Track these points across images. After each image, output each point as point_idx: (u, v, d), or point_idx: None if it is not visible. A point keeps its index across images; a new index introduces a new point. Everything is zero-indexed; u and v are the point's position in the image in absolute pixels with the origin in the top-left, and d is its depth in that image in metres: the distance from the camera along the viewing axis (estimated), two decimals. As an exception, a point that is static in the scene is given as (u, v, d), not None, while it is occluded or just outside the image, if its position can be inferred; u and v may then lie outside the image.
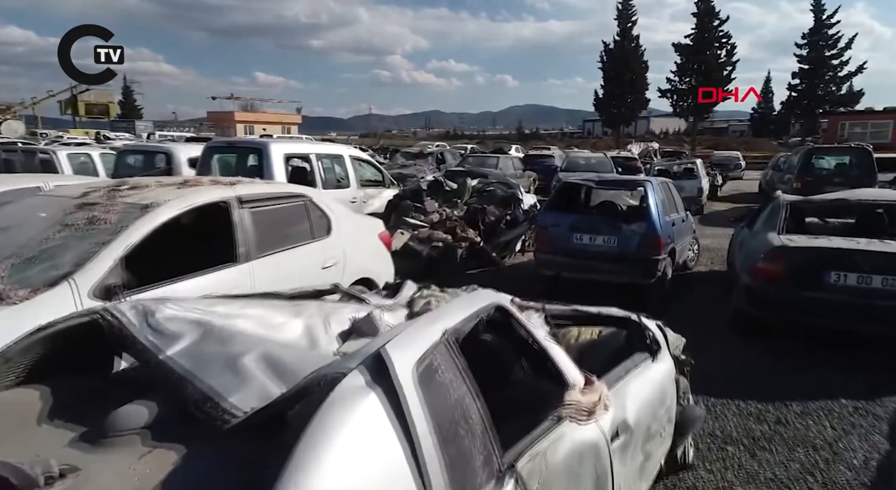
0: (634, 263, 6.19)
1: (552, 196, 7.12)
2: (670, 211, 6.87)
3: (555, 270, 6.66)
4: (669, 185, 7.38)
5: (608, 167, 15.95)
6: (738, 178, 25.40)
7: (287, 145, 8.05)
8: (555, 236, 6.59)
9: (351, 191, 8.85)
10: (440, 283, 3.27)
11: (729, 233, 11.83)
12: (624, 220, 6.32)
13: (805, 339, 5.09)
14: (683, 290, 7.11)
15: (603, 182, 6.71)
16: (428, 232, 7.92)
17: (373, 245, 4.97)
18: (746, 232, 6.23)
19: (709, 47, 42.76)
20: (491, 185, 9.61)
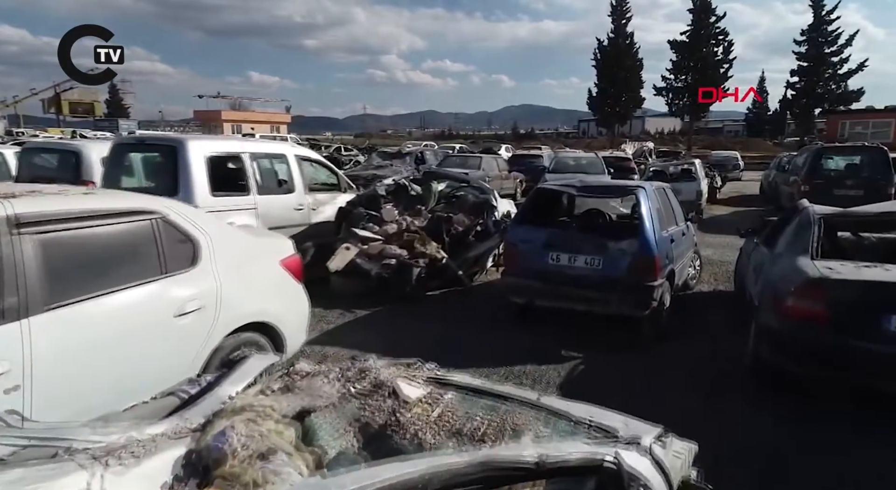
0: (624, 291, 4.95)
1: (523, 205, 5.88)
2: (668, 223, 5.63)
3: (526, 298, 5.41)
4: (667, 190, 6.14)
5: (599, 168, 14.73)
6: (737, 179, 24.24)
7: (210, 143, 6.76)
8: (526, 255, 5.34)
9: (296, 196, 7.57)
10: (389, 314, 2.02)
11: (732, 241, 10.64)
12: (611, 236, 5.07)
13: (856, 402, 3.82)
14: (684, 317, 5.87)
15: (586, 188, 5.47)
16: (380, 246, 6.65)
17: (271, 276, 3.70)
18: (765, 251, 4.98)
19: (705, 44, 41.58)
20: (461, 190, 8.35)
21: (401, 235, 6.94)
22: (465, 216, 7.66)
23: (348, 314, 5.90)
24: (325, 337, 5.23)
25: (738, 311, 5.71)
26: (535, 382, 4.30)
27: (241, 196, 6.80)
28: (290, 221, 7.46)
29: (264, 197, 7.04)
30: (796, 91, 43.10)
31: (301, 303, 3.94)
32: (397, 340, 5.13)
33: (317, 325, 5.53)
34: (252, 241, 3.76)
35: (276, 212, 7.22)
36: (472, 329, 5.53)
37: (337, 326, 5.55)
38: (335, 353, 4.79)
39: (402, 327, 5.54)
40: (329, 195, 8.22)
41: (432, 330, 5.47)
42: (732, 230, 12.01)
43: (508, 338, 5.29)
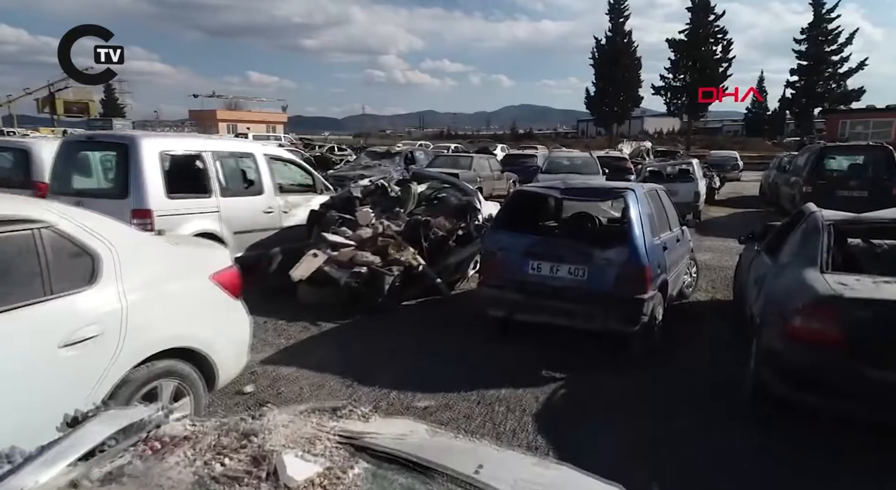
0: (611, 305, 4.47)
1: (501, 209, 5.39)
2: (661, 228, 5.15)
3: (504, 310, 4.92)
4: (660, 192, 5.65)
5: (594, 168, 14.24)
6: (736, 180, 23.75)
7: (167, 140, 6.28)
8: (504, 264, 4.84)
9: (265, 198, 7.08)
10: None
11: (731, 245, 10.13)
12: (597, 244, 4.58)
13: (877, 436, 3.33)
14: (678, 331, 5.38)
15: (570, 191, 4.98)
16: (351, 253, 6.15)
17: (199, 294, 3.20)
18: (767, 261, 4.49)
19: (704, 43, 41.10)
20: (444, 192, 7.85)
21: (375, 241, 6.45)
22: (446, 219, 7.16)
23: (312, 328, 5.40)
24: (283, 355, 4.73)
25: (738, 325, 5.23)
26: (509, 411, 3.81)
27: (202, 198, 6.31)
28: (259, 225, 6.98)
29: (229, 199, 6.56)
30: (796, 90, 42.62)
31: (238, 323, 3.45)
32: (361, 359, 4.64)
33: (276, 340, 5.04)
34: (174, 252, 3.25)
35: (242, 215, 6.74)
36: (447, 344, 5.04)
37: (298, 342, 5.05)
38: (289, 375, 4.31)
39: (370, 343, 5.04)
40: (303, 197, 7.74)
41: (402, 346, 4.98)
42: (731, 233, 11.58)
43: (485, 355, 4.80)
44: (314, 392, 4.04)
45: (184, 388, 3.02)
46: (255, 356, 4.62)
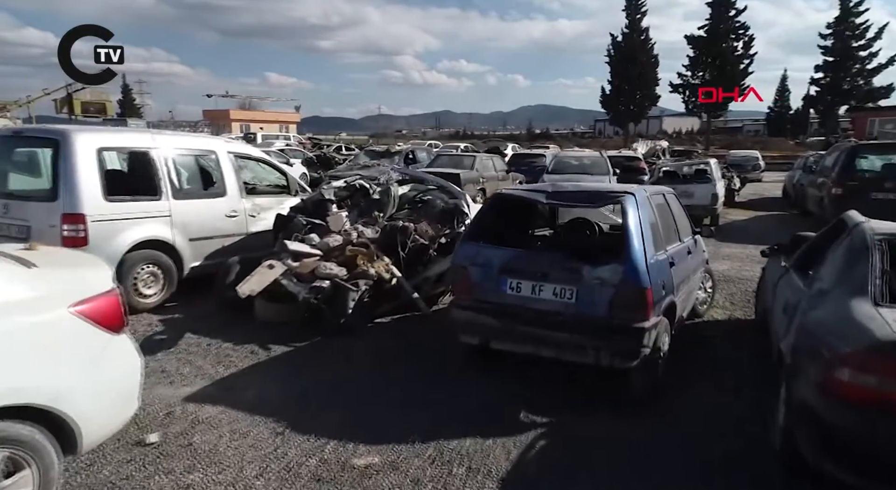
0: (604, 335, 3.66)
1: (476, 216, 4.59)
2: (668, 240, 4.32)
3: (479, 338, 4.13)
4: (668, 196, 4.82)
5: (604, 169, 13.36)
6: (758, 181, 22.60)
7: (106, 135, 5.59)
8: (477, 282, 4.05)
9: (228, 201, 6.39)
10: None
11: (752, 253, 9.21)
12: (589, 259, 3.77)
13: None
14: (689, 359, 4.55)
15: (558, 195, 4.14)
16: (314, 264, 5.41)
17: (48, 332, 2.44)
18: (798, 282, 3.65)
19: (724, 39, 39.69)
20: (429, 194, 7.07)
21: (343, 250, 5.69)
22: (429, 225, 6.38)
23: (260, 353, 4.66)
24: (213, 389, 3.99)
25: (761, 355, 4.39)
26: (470, 473, 3.02)
27: (150, 201, 5.63)
28: (220, 231, 6.29)
29: (182, 202, 5.87)
30: (821, 87, 41.03)
31: (116, 365, 2.70)
32: (304, 396, 3.88)
33: (212, 369, 4.30)
34: (16, 276, 2.51)
35: (199, 219, 6.05)
36: (411, 377, 4.26)
37: (237, 372, 4.31)
38: (211, 418, 3.56)
39: (321, 373, 4.28)
40: (275, 199, 7.04)
41: (358, 379, 4.21)
42: (753, 238, 10.64)
43: (455, 392, 4.01)
44: (234, 442, 3.29)
45: (21, 458, 2.29)
46: (180, 391, 3.91)
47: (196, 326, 5.22)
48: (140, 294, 5.55)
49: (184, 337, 4.94)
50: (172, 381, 4.04)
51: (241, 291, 4.90)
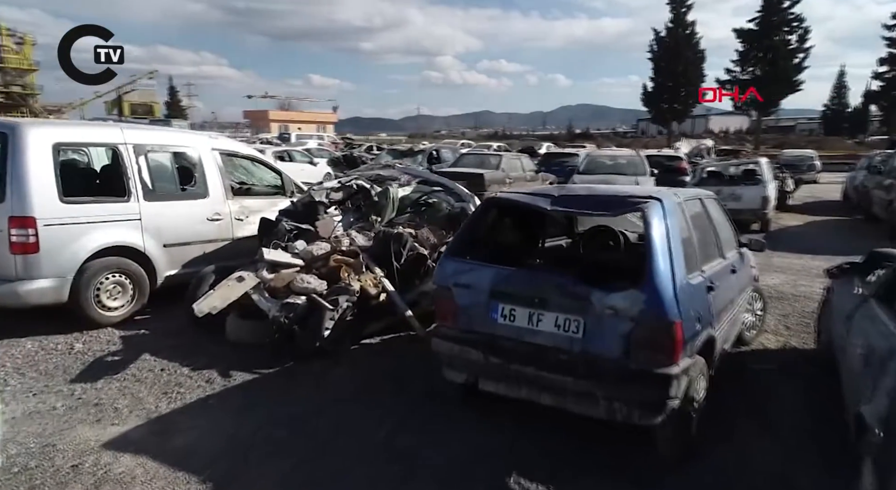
0: (619, 382, 2.83)
1: (462, 226, 3.78)
2: (707, 257, 3.44)
3: (464, 375, 3.35)
4: (707, 203, 3.90)
5: (640, 169, 12.31)
6: (813, 182, 20.87)
7: (64, 129, 5.06)
8: (463, 307, 3.27)
9: (210, 202, 5.80)
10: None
11: (809, 264, 8.13)
12: (599, 282, 2.93)
13: None
14: (732, 403, 3.65)
15: (564, 200, 3.28)
16: (290, 276, 4.72)
17: None
18: (884, 318, 2.73)
19: (777, 31, 37.34)
20: (434, 196, 6.32)
21: (327, 260, 5.00)
22: (431, 231, 5.64)
23: (217, 382, 4.00)
24: (142, 432, 3.31)
25: (827, 396, 3.47)
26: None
27: (116, 202, 5.07)
28: (200, 236, 5.71)
29: (155, 204, 5.31)
30: (885, 82, 38.17)
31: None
32: (246, 447, 3.18)
33: (153, 404, 3.66)
34: None
35: (175, 223, 5.48)
36: (388, 414, 3.51)
37: (180, 408, 3.63)
38: (121, 475, 2.89)
39: (279, 412, 3.57)
40: (266, 201, 6.42)
41: (322, 420, 3.49)
42: (809, 247, 9.46)
43: (438, 439, 3.25)
44: (140, 510, 2.61)
45: None
46: (104, 432, 3.28)
47: (159, 346, 4.62)
48: (103, 306, 5.00)
49: (139, 359, 4.33)
50: (100, 419, 3.41)
51: (197, 309, 4.26)
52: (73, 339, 4.71)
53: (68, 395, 3.73)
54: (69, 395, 3.73)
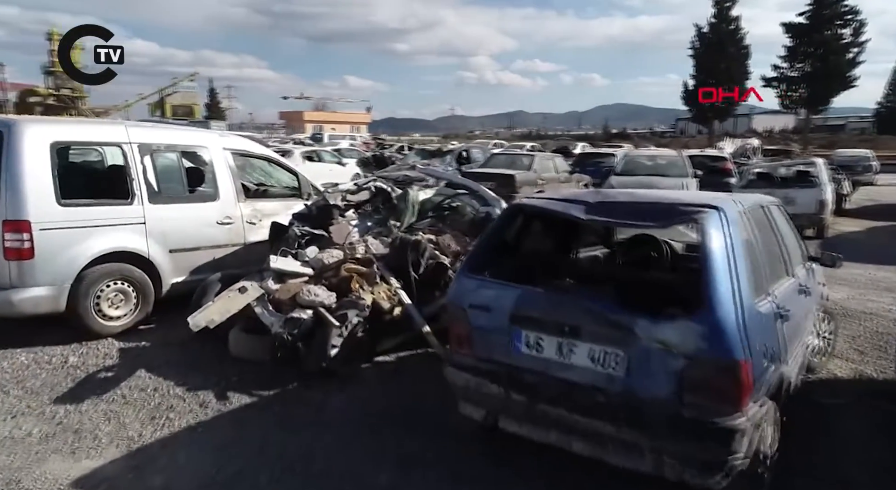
0: (670, 432, 2.30)
1: (480, 238, 3.29)
2: (774, 276, 2.87)
3: (482, 411, 2.87)
4: (770, 210, 3.30)
5: (682, 170, 11.58)
6: (870, 184, 19.53)
7: (64, 127, 4.79)
8: (480, 332, 2.80)
9: (221, 205, 5.48)
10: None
11: (877, 276, 7.32)
12: (645, 307, 2.41)
13: None
14: (797, 447, 3.06)
15: (603, 208, 2.73)
16: (296, 287, 4.33)
17: None
18: None
19: (829, 25, 35.47)
20: (458, 200, 5.85)
21: (338, 269, 4.59)
22: (454, 238, 5.19)
23: (211, 406, 3.62)
24: (118, 466, 2.94)
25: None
26: None
27: (119, 205, 4.78)
28: (210, 241, 5.38)
29: (161, 206, 5.00)
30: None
31: None
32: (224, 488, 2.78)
33: (137, 431, 3.31)
34: None
35: (182, 227, 5.17)
36: (390, 464, 3.05)
37: (165, 437, 3.25)
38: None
39: (269, 448, 3.15)
40: (281, 204, 6.07)
41: (315, 460, 3.06)
42: (874, 256, 8.59)
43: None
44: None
45: None
46: (76, 466, 2.95)
47: (157, 360, 4.29)
48: (104, 316, 4.71)
49: (133, 375, 4.00)
50: (75, 451, 3.06)
51: (192, 323, 3.90)
52: (71, 350, 4.43)
53: (49, 418, 3.41)
54: (50, 418, 3.40)
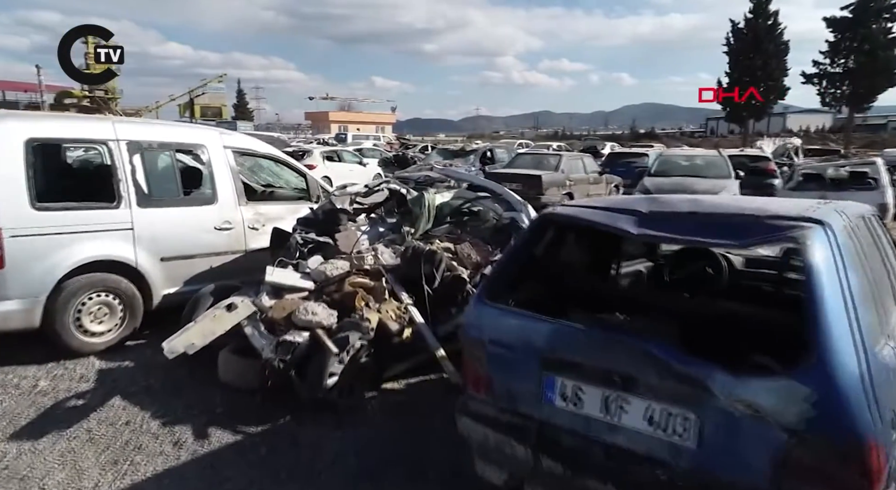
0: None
1: (507, 253, 2.67)
2: (888, 311, 2.20)
3: (503, 473, 2.28)
4: (872, 222, 2.62)
5: (724, 171, 10.77)
6: (923, 186, 18.24)
7: (43, 123, 4.33)
8: (502, 374, 2.21)
9: (219, 209, 4.99)
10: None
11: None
12: (722, 354, 1.79)
13: None
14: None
15: (659, 220, 2.11)
16: (294, 304, 3.79)
17: None
18: None
19: (875, 19, 33.74)
20: (480, 204, 5.25)
21: (342, 283, 4.04)
22: (474, 247, 4.61)
23: (186, 446, 3.09)
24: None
25: None
26: None
27: (103, 209, 4.32)
28: (206, 248, 4.90)
29: (151, 210, 4.53)
30: None
31: None
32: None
33: (96, 479, 2.80)
34: None
35: (175, 233, 4.69)
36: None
37: (126, 489, 2.76)
38: None
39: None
40: (286, 207, 5.57)
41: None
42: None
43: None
44: None
45: None
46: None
47: (137, 385, 3.81)
48: (85, 331, 4.25)
49: (106, 405, 3.52)
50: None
51: (168, 349, 3.37)
52: (45, 372, 3.97)
53: (-3, 458, 2.93)
54: (-2, 458, 2.93)
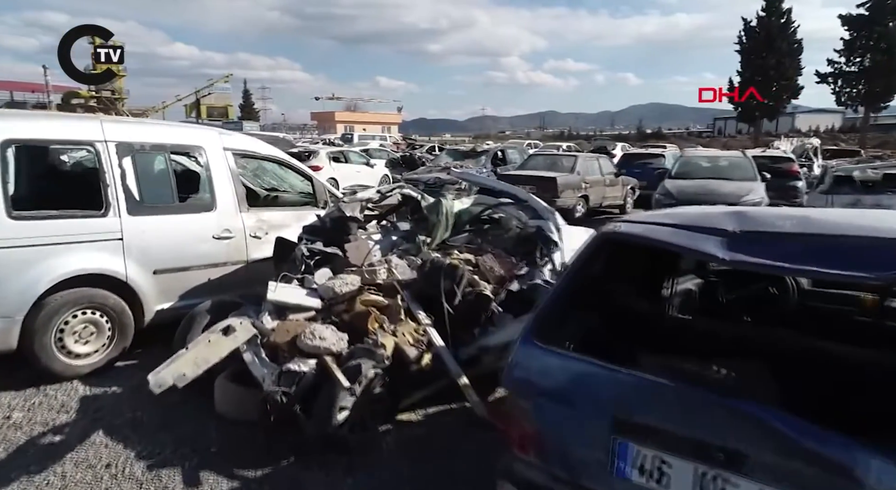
0: None
1: (560, 283, 2.24)
2: None
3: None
4: None
5: (749, 173, 10.29)
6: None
7: (21, 122, 3.89)
8: (557, 437, 1.76)
9: (218, 216, 4.58)
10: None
11: None
12: (863, 431, 1.35)
13: None
14: None
15: (756, 242, 1.66)
16: (299, 326, 3.36)
17: None
18: None
19: (891, 16, 33.02)
20: (501, 210, 4.81)
21: (353, 301, 3.61)
22: (497, 259, 4.16)
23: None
24: None
25: None
26: None
27: (89, 217, 3.90)
28: (204, 259, 4.49)
29: (142, 218, 4.12)
30: None
31: None
32: None
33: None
34: None
35: (169, 244, 4.27)
36: None
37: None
38: None
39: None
40: (291, 214, 5.16)
41: None
42: None
43: None
44: None
45: None
46: None
47: (123, 418, 3.39)
48: (69, 353, 3.84)
49: (87, 442, 3.10)
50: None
51: (154, 382, 2.94)
52: (22, 400, 3.57)
53: (-47, 513, 2.52)
54: (-45, 513, 2.52)
